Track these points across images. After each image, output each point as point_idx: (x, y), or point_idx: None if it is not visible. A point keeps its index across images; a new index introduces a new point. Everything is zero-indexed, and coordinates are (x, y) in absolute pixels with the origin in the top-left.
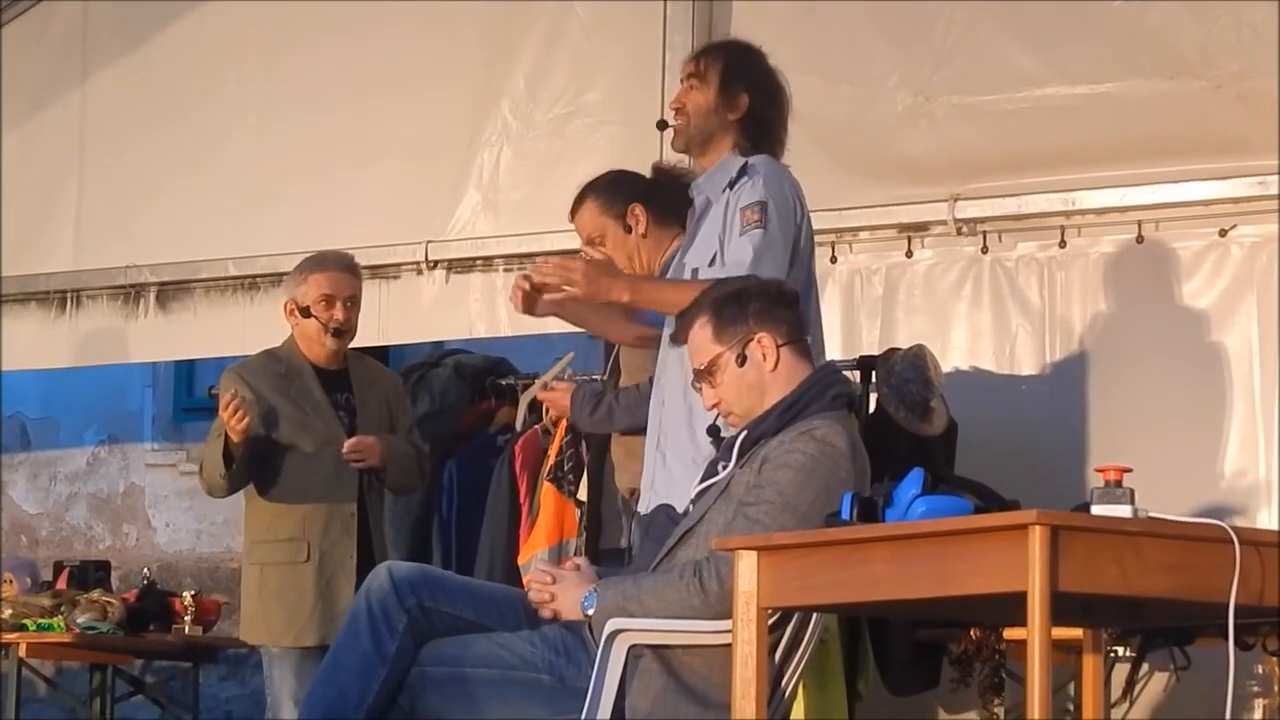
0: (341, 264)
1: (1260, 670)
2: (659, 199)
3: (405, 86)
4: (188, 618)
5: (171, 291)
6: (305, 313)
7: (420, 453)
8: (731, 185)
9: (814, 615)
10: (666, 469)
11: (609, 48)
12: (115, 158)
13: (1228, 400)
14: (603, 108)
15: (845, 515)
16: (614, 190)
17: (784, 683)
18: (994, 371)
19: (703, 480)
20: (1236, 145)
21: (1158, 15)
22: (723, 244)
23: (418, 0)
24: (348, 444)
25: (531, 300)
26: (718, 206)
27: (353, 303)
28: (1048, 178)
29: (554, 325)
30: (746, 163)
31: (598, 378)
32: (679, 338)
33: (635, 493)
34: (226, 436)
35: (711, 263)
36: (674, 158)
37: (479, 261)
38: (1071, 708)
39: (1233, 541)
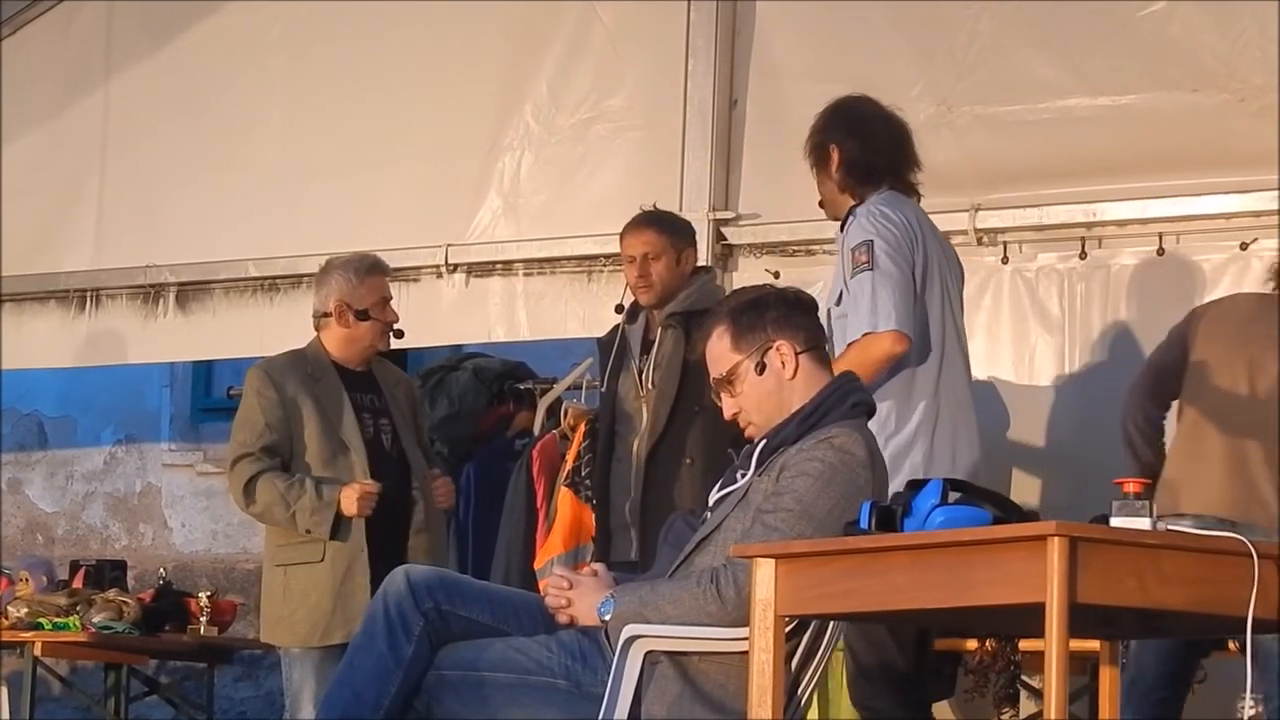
0: (386, 268)
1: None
2: None
3: (427, 89)
4: (203, 618)
5: (191, 292)
6: (363, 315)
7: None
8: (843, 228)
9: (831, 623)
10: None
11: (632, 53)
12: (137, 157)
13: None
14: (625, 113)
15: (864, 524)
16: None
17: (800, 690)
18: (1013, 382)
19: (721, 488)
20: (1259, 158)
21: (1181, 28)
22: (845, 283)
23: (441, 2)
24: (441, 493)
25: None
26: (840, 249)
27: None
28: (1069, 189)
29: (573, 330)
30: (853, 207)
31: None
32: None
33: None
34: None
35: (839, 301)
36: None
37: (499, 265)
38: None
39: (1251, 555)
